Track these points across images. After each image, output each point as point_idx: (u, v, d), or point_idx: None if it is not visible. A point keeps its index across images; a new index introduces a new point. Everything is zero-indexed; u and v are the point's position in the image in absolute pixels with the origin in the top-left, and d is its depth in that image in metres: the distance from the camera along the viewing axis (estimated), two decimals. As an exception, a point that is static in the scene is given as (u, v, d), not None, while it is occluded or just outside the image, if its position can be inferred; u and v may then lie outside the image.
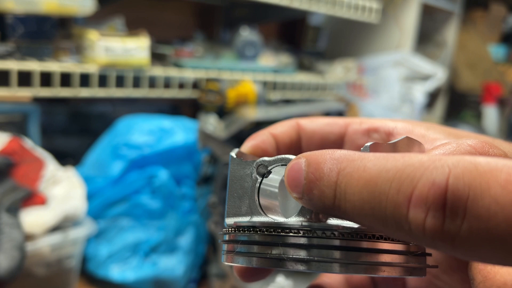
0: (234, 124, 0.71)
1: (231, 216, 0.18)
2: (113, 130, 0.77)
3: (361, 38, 1.60)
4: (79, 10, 0.76)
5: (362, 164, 0.14)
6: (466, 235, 0.12)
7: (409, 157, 0.13)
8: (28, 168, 0.64)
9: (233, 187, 0.18)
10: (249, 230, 0.16)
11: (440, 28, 1.84)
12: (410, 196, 0.12)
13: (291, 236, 0.15)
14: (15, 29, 0.73)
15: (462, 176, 0.12)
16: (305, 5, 0.99)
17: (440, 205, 0.12)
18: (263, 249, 0.15)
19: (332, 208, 0.14)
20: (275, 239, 0.15)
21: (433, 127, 0.21)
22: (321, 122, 0.23)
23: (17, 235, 0.53)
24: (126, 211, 0.70)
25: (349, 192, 0.14)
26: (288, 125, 0.23)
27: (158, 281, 0.68)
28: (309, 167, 0.15)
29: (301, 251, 0.15)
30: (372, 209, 0.13)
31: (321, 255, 0.15)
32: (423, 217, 0.12)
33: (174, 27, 1.17)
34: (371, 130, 0.22)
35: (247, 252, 0.16)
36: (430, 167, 0.12)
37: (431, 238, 0.12)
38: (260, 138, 0.21)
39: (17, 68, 0.71)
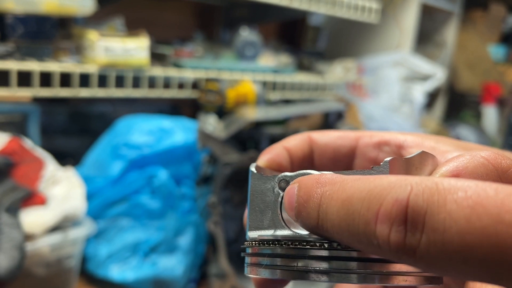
0: (234, 124, 0.71)
1: (254, 229, 0.18)
2: (113, 130, 0.77)
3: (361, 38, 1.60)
4: (79, 10, 0.76)
5: (341, 186, 0.15)
6: (425, 247, 0.13)
7: (380, 178, 0.14)
8: (28, 168, 0.64)
9: (254, 201, 0.18)
10: (273, 244, 0.17)
11: (440, 28, 1.84)
12: (377, 213, 0.13)
13: (314, 249, 0.16)
14: (15, 29, 0.73)
15: (422, 193, 0.13)
16: (305, 5, 0.99)
17: (402, 220, 0.13)
18: (287, 261, 0.16)
19: (317, 227, 0.15)
20: (298, 252, 0.16)
21: (442, 140, 0.22)
22: (333, 135, 0.24)
23: (17, 235, 0.53)
24: (125, 211, 0.71)
25: (329, 212, 0.15)
26: (300, 138, 0.23)
27: (158, 281, 0.68)
28: (300, 191, 0.16)
29: (323, 263, 0.16)
30: (348, 226, 0.14)
31: (340, 266, 0.15)
32: (388, 232, 0.13)
33: (173, 27, 1.17)
34: (381, 143, 0.23)
35: (271, 264, 0.17)
36: (396, 186, 0.13)
37: (396, 252, 0.13)
38: (275, 152, 0.22)
39: (17, 68, 0.71)
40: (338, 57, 1.36)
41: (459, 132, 1.80)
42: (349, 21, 1.18)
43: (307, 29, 1.50)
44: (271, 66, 1.07)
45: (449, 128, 1.80)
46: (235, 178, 0.71)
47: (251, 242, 0.18)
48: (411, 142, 0.22)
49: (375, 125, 1.36)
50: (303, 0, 0.98)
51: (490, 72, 1.91)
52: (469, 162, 0.17)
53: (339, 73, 1.23)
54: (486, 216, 0.12)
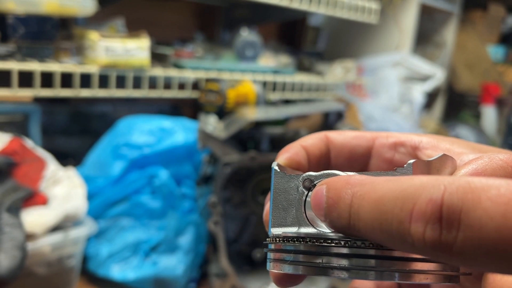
0: (234, 124, 0.71)
1: (277, 226, 0.19)
2: (114, 130, 0.77)
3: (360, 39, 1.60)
4: (80, 11, 0.76)
5: (372, 187, 0.15)
6: (462, 244, 0.13)
7: (411, 179, 0.15)
8: (29, 168, 0.64)
9: (278, 199, 0.19)
10: (297, 241, 0.17)
11: (439, 29, 1.84)
12: (411, 212, 0.14)
13: (336, 247, 0.16)
14: (16, 30, 0.73)
15: (456, 192, 0.13)
16: (304, 6, 0.99)
17: (437, 218, 0.13)
18: (310, 258, 0.17)
19: (348, 227, 0.16)
20: (321, 249, 0.17)
21: (457, 141, 0.22)
22: (349, 135, 0.24)
23: (18, 234, 0.54)
24: (126, 211, 0.71)
25: (362, 212, 0.15)
26: (317, 137, 0.24)
27: (159, 280, 0.69)
28: (329, 192, 0.16)
29: (344, 260, 0.16)
30: (381, 226, 0.15)
31: (361, 263, 0.16)
32: (423, 230, 0.14)
33: (174, 28, 1.18)
34: (397, 144, 0.23)
35: (295, 260, 0.17)
36: (429, 186, 0.14)
37: (432, 249, 0.14)
38: (293, 151, 0.22)
39: (18, 68, 0.71)
40: (338, 57, 1.37)
41: (458, 132, 1.81)
42: (348, 21, 1.18)
43: (307, 29, 1.50)
44: (271, 66, 1.07)
45: (448, 128, 1.80)
46: (235, 178, 0.71)
47: (275, 239, 0.18)
48: (426, 143, 0.22)
49: (374, 125, 1.36)
50: (303, 1, 0.98)
51: (489, 72, 1.91)
52: (488, 165, 0.18)
53: (339, 73, 1.23)
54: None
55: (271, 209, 0.19)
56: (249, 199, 0.72)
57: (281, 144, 0.81)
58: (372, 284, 0.23)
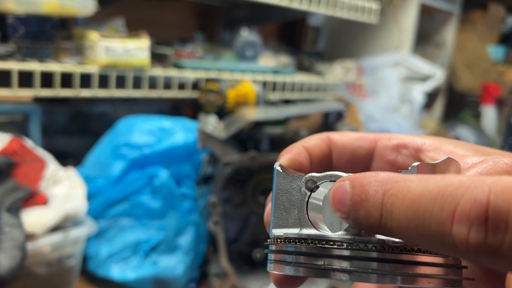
0: (234, 124, 0.71)
1: (278, 227, 0.18)
2: (114, 131, 0.77)
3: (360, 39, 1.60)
4: (80, 11, 0.76)
5: (406, 185, 0.15)
6: (509, 247, 0.13)
7: (449, 177, 0.14)
8: (29, 168, 0.64)
9: (279, 199, 0.19)
10: (300, 242, 0.17)
11: (439, 29, 1.84)
12: (453, 213, 0.13)
13: (337, 249, 0.16)
14: (16, 30, 0.73)
15: (502, 193, 0.13)
16: (304, 6, 0.99)
17: (483, 221, 0.13)
18: (311, 260, 0.17)
19: (379, 226, 0.15)
20: (323, 251, 0.16)
21: (460, 144, 0.22)
22: (351, 136, 0.24)
23: (18, 234, 0.54)
24: (126, 211, 0.71)
25: (395, 211, 0.15)
26: (319, 138, 0.23)
27: (158, 280, 0.69)
28: (354, 189, 0.16)
29: (345, 262, 0.16)
30: (417, 226, 0.14)
31: (362, 266, 0.16)
32: (467, 232, 0.13)
33: (174, 28, 1.18)
34: (400, 146, 0.23)
35: (296, 262, 0.17)
36: (471, 186, 0.13)
37: (475, 252, 0.13)
38: (295, 151, 0.22)
39: (18, 69, 0.71)
40: (338, 57, 1.37)
41: (458, 132, 1.81)
42: (348, 21, 1.18)
43: (307, 29, 1.50)
44: (271, 66, 1.07)
45: (448, 128, 1.80)
46: (235, 178, 0.71)
47: (276, 240, 0.18)
48: (429, 146, 0.22)
49: (374, 125, 1.36)
50: (303, 1, 0.98)
51: (489, 72, 1.91)
52: (493, 168, 0.17)
53: (339, 73, 1.23)
54: None
55: (273, 209, 0.19)
56: (249, 199, 0.72)
57: (281, 144, 0.81)
58: (374, 286, 0.23)
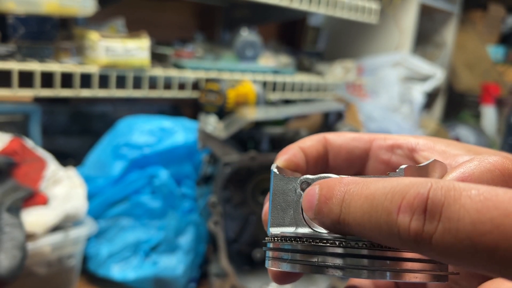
0: (234, 124, 0.71)
1: (275, 226, 0.20)
2: (114, 130, 0.77)
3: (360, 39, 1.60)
4: (80, 11, 0.76)
5: (364, 185, 0.16)
6: (441, 234, 0.14)
7: (402, 179, 0.16)
8: (29, 168, 0.64)
9: (276, 200, 0.20)
10: (295, 240, 0.18)
11: (439, 29, 1.84)
12: (400, 204, 0.15)
13: (331, 247, 0.17)
14: (16, 30, 0.73)
15: (441, 188, 0.15)
16: (304, 6, 0.99)
17: (422, 210, 0.15)
18: (306, 257, 0.18)
19: (338, 222, 0.17)
20: (317, 249, 0.18)
21: (453, 143, 0.23)
22: (347, 137, 0.25)
23: (18, 234, 0.54)
24: (126, 210, 0.71)
25: (352, 205, 0.16)
26: (316, 139, 0.24)
27: (159, 280, 0.69)
28: (322, 190, 0.17)
29: (338, 259, 0.17)
30: (370, 218, 0.16)
31: (354, 263, 0.17)
32: (409, 221, 0.15)
33: (174, 28, 1.18)
34: (394, 146, 0.24)
35: (292, 259, 0.18)
36: (417, 183, 0.15)
37: (414, 239, 0.15)
38: (291, 152, 0.23)
39: (18, 69, 0.71)
40: (338, 57, 1.37)
41: (458, 132, 1.81)
42: (348, 21, 1.18)
43: (307, 29, 1.50)
44: (271, 66, 1.07)
45: (448, 128, 1.80)
46: (235, 178, 0.71)
47: (273, 238, 0.19)
48: (423, 145, 0.23)
49: (374, 125, 1.36)
50: (303, 1, 0.98)
51: (489, 73, 1.92)
52: (476, 168, 0.18)
53: (339, 73, 1.23)
54: (495, 210, 0.14)
55: (270, 209, 0.20)
56: (249, 199, 0.72)
57: (281, 144, 0.81)
58: (369, 282, 0.23)
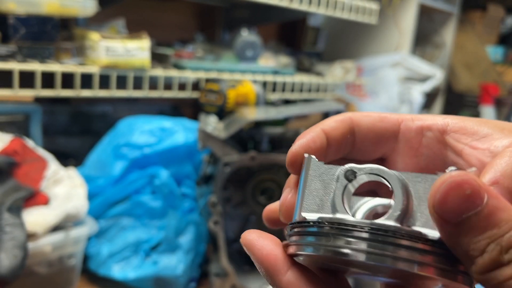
0: (234, 124, 0.71)
1: (309, 211, 0.19)
2: (114, 131, 0.77)
3: (360, 39, 1.60)
4: (81, 11, 0.77)
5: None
6: None
7: None
8: (30, 168, 0.64)
9: (312, 186, 0.19)
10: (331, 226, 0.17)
11: (439, 29, 1.84)
12: None
13: (358, 231, 0.17)
14: (17, 30, 0.74)
15: None
16: (304, 6, 0.99)
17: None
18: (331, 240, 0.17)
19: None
20: (344, 233, 0.17)
21: (484, 122, 0.21)
22: (375, 117, 0.23)
23: (19, 234, 0.54)
24: (127, 210, 0.71)
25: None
26: (340, 120, 0.22)
27: (159, 279, 0.69)
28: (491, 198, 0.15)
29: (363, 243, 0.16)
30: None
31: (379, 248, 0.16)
32: None
33: (174, 28, 1.18)
34: (424, 128, 0.23)
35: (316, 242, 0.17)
36: None
37: None
38: (310, 137, 0.21)
39: (19, 69, 0.72)
40: (338, 58, 1.37)
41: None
42: (348, 22, 1.19)
43: (307, 30, 1.51)
44: (271, 67, 1.07)
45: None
46: (235, 178, 0.72)
47: (302, 223, 0.18)
48: (452, 126, 0.22)
49: (374, 125, 1.36)
50: (303, 1, 0.99)
51: (489, 73, 1.92)
52: (508, 165, 0.17)
53: (338, 74, 1.23)
54: None
55: (303, 195, 0.19)
56: (249, 199, 0.73)
57: (281, 144, 0.81)
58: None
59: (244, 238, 0.20)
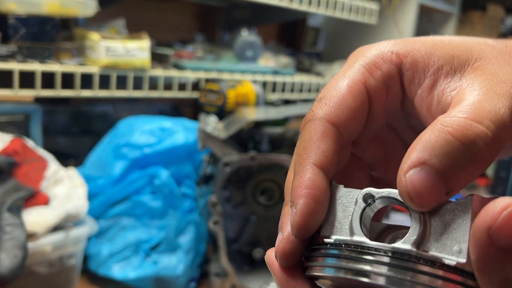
0: (234, 124, 0.72)
1: (327, 233, 0.19)
2: (115, 131, 0.77)
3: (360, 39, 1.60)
4: (81, 12, 0.77)
5: None
6: None
7: None
8: (30, 168, 0.64)
9: (331, 209, 0.20)
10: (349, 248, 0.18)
11: (438, 29, 1.85)
12: None
13: (378, 254, 0.17)
14: (17, 30, 0.74)
15: None
16: (304, 6, 0.99)
17: None
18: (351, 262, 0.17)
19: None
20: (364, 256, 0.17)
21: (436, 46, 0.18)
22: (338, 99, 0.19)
23: (19, 234, 0.54)
24: (127, 210, 0.71)
25: None
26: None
27: (159, 279, 0.69)
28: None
29: (383, 267, 0.17)
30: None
31: (399, 274, 0.16)
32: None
33: (174, 29, 1.18)
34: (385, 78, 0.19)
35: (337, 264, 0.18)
36: None
37: None
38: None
39: (19, 69, 0.72)
40: (338, 58, 1.37)
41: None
42: (348, 22, 1.19)
43: (307, 30, 1.51)
44: (271, 67, 1.07)
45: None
46: (235, 178, 0.72)
47: (322, 244, 0.19)
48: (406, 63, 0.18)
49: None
50: (303, 1, 0.99)
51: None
52: (437, 141, 0.15)
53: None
54: None
55: (328, 217, 0.20)
56: (249, 199, 0.73)
57: (281, 144, 0.81)
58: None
59: (269, 257, 0.20)
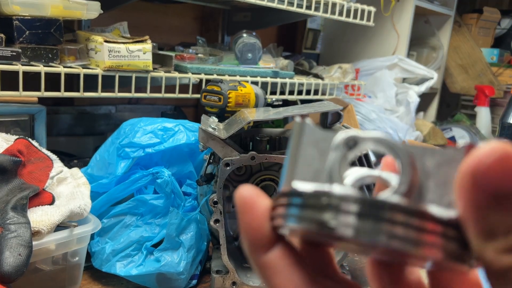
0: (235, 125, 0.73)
1: (302, 180, 0.17)
2: (118, 131, 0.79)
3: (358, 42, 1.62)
4: (84, 14, 0.78)
5: None
6: None
7: None
8: (35, 167, 0.65)
9: (306, 154, 0.17)
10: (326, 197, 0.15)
11: (435, 32, 1.87)
12: None
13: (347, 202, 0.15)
14: (21, 33, 0.75)
15: None
16: (303, 9, 1.01)
17: None
18: (316, 212, 0.15)
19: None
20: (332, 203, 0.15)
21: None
22: None
23: (24, 232, 0.55)
24: (130, 209, 0.72)
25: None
26: None
27: (161, 276, 0.70)
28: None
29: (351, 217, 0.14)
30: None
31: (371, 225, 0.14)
32: None
33: (176, 31, 1.20)
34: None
35: (300, 215, 0.15)
36: None
37: None
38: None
39: (24, 70, 0.73)
40: (336, 60, 1.39)
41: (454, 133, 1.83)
42: (346, 24, 1.21)
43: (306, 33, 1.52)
44: (271, 68, 1.09)
45: (443, 129, 1.83)
46: (235, 177, 0.73)
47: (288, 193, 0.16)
48: None
49: (371, 126, 1.38)
50: (302, 5, 1.01)
51: (484, 74, 1.94)
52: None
53: (337, 76, 1.25)
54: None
55: (294, 163, 0.17)
56: (250, 198, 0.74)
57: (281, 144, 0.82)
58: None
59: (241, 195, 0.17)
